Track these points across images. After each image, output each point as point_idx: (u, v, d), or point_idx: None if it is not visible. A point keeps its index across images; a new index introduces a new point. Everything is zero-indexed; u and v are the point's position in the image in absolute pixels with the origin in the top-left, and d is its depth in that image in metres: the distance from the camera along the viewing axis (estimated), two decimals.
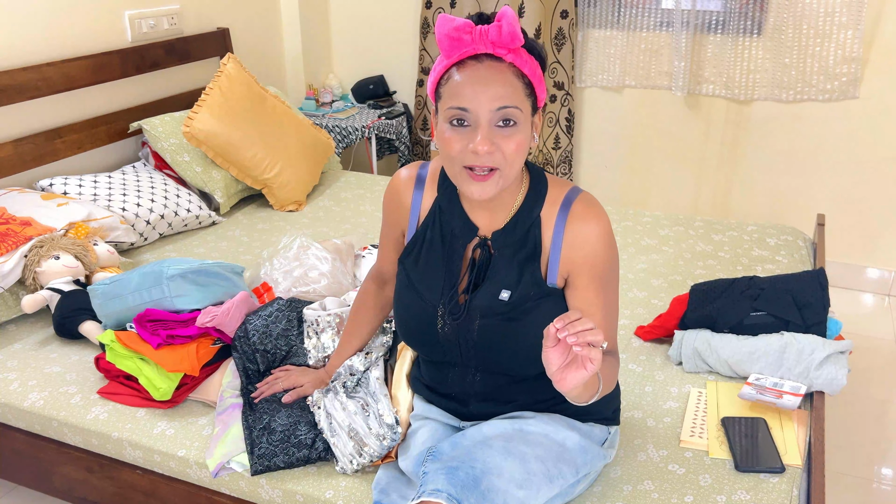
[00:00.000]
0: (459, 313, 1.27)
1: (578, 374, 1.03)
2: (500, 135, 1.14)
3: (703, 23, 3.03)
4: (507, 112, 1.13)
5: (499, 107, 1.12)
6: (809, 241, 2.45)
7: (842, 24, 2.80)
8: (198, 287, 1.80)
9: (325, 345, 1.66)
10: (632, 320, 1.97)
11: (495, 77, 1.12)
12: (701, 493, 1.37)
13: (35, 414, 1.69)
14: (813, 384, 1.60)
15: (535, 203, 1.26)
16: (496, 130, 1.14)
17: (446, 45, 1.14)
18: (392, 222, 1.41)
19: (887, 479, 2.12)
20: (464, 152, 1.14)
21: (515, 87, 1.13)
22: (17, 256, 1.95)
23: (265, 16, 3.45)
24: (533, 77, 1.16)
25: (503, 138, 1.14)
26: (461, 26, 1.12)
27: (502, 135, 1.14)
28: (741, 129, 3.17)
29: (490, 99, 1.12)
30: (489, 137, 1.13)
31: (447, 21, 1.13)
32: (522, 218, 1.26)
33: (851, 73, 2.87)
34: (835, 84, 2.89)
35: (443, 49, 1.15)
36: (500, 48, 1.13)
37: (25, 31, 2.40)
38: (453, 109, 1.14)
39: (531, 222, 1.25)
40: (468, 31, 1.12)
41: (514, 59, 1.14)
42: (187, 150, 2.66)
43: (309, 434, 1.46)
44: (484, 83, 1.12)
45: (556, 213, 1.25)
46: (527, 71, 1.15)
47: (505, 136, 1.14)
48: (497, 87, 1.12)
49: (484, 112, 1.12)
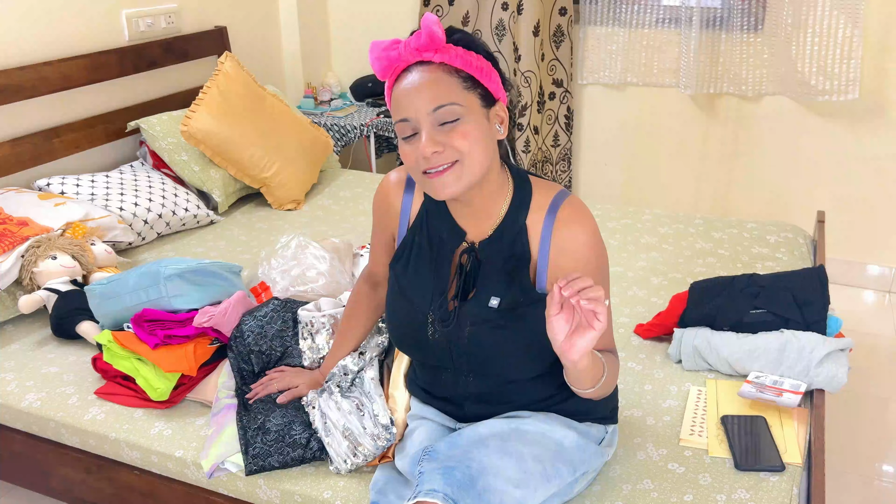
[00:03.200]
0: (449, 320, 1.26)
1: (587, 337, 1.04)
2: (443, 133, 1.13)
3: (705, 19, 3.02)
4: (444, 111, 1.12)
5: (435, 107, 1.12)
6: (809, 239, 2.44)
7: (841, 21, 2.79)
8: (195, 287, 1.79)
9: (320, 346, 1.66)
10: (631, 318, 1.96)
11: (426, 79, 1.13)
12: (700, 492, 1.37)
13: (32, 414, 1.69)
14: (813, 382, 1.59)
15: (519, 210, 1.25)
16: (439, 130, 1.14)
17: (378, 67, 1.16)
18: (382, 226, 1.40)
19: (888, 477, 2.11)
20: (417, 160, 1.15)
21: (449, 83, 1.13)
22: (13, 256, 1.95)
23: (263, 14, 3.45)
24: (470, 69, 1.15)
25: (447, 135, 1.13)
26: (388, 45, 1.15)
27: (445, 132, 1.13)
28: (741, 127, 3.16)
29: (424, 102, 1.12)
30: (432, 138, 1.13)
31: (376, 45, 1.16)
32: (508, 227, 1.25)
33: (851, 72, 2.86)
34: (834, 83, 2.88)
35: (378, 73, 1.17)
36: (426, 52, 1.14)
37: (22, 30, 2.39)
38: (398, 123, 1.16)
39: (517, 230, 1.25)
40: (395, 47, 1.15)
41: (442, 57, 1.13)
42: (185, 149, 2.66)
43: (303, 434, 1.46)
44: (415, 88, 1.13)
45: (542, 220, 1.24)
46: (459, 64, 1.14)
47: (448, 133, 1.13)
48: (429, 89, 1.12)
49: (422, 116, 1.13)
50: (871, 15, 2.80)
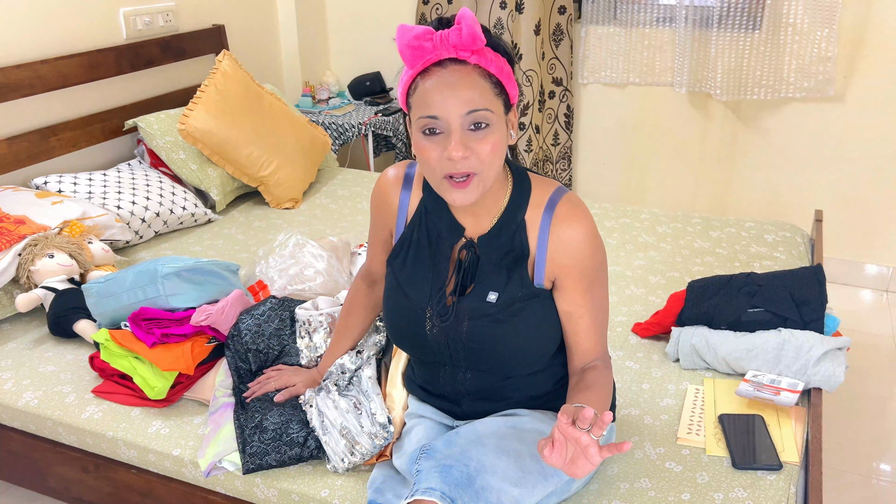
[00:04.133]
0: (447, 315, 1.26)
1: (587, 464, 1.00)
2: (473, 138, 1.12)
3: (703, 18, 3.02)
4: (477, 115, 1.11)
5: (469, 111, 1.10)
6: (807, 238, 2.44)
7: (841, 18, 2.79)
8: (193, 285, 1.79)
9: (318, 344, 1.66)
10: (629, 317, 1.96)
11: (461, 81, 1.10)
12: (698, 491, 1.37)
13: (30, 413, 1.68)
14: (811, 381, 1.59)
15: (518, 206, 1.25)
16: (469, 134, 1.12)
17: (408, 55, 1.12)
18: (380, 222, 1.40)
19: (885, 476, 2.12)
20: (440, 161, 1.13)
21: (483, 88, 1.11)
22: (11, 255, 1.94)
23: (261, 13, 3.44)
24: (501, 75, 1.13)
25: (477, 141, 1.12)
26: (421, 34, 1.11)
27: (476, 138, 1.12)
28: (739, 126, 3.16)
29: (459, 104, 1.10)
30: (462, 142, 1.11)
31: (406, 31, 1.11)
32: (507, 222, 1.25)
33: (850, 71, 2.86)
34: (832, 82, 2.88)
35: (405, 59, 1.13)
36: (462, 51, 1.10)
37: (19, 28, 2.39)
38: (424, 119, 1.12)
39: (516, 226, 1.25)
40: (429, 38, 1.11)
41: (478, 59, 1.11)
42: (183, 147, 2.65)
43: (301, 432, 1.46)
44: (451, 88, 1.10)
45: (540, 216, 1.24)
46: (493, 70, 1.12)
47: (479, 140, 1.12)
48: (464, 91, 1.10)
49: (454, 118, 1.10)
50: (870, 13, 2.80)
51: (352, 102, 3.63)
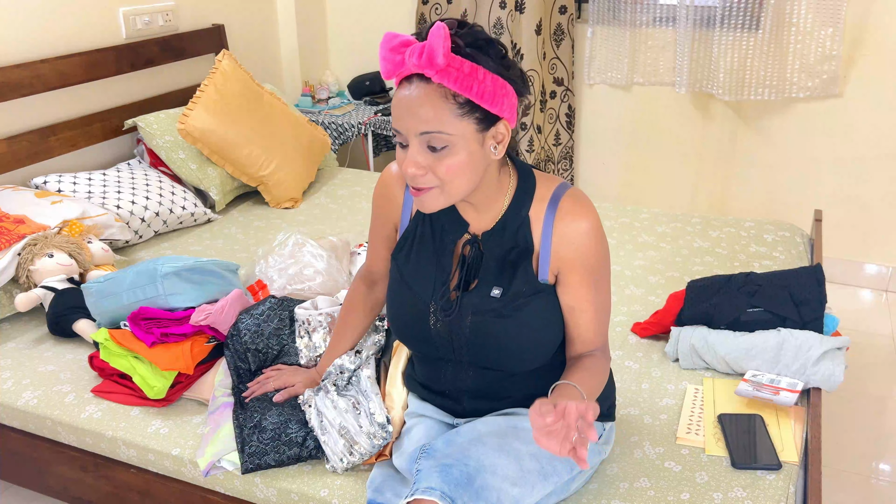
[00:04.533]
0: (451, 310, 1.26)
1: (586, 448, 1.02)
2: (432, 157, 1.12)
3: (704, 18, 3.02)
4: (430, 137, 1.10)
5: (421, 132, 1.10)
6: (807, 238, 2.45)
7: (840, 19, 2.79)
8: (192, 285, 1.79)
9: (317, 344, 1.66)
10: (629, 317, 1.96)
11: (419, 100, 1.09)
12: (697, 491, 1.37)
13: (29, 413, 1.68)
14: (810, 381, 1.59)
15: (523, 203, 1.25)
16: (426, 153, 1.12)
17: (383, 66, 1.12)
18: (383, 218, 1.40)
19: (885, 476, 2.12)
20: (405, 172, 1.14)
21: (440, 110, 1.08)
22: (10, 254, 1.94)
23: (261, 12, 3.44)
24: (470, 92, 1.08)
25: (434, 161, 1.12)
26: (395, 47, 1.10)
27: (434, 157, 1.12)
28: (739, 126, 3.16)
29: (415, 123, 1.10)
30: (414, 159, 1.12)
31: (388, 40, 1.10)
32: (511, 219, 1.25)
33: (850, 70, 2.86)
34: (830, 82, 2.88)
35: (382, 72, 1.13)
36: (425, 69, 1.07)
37: (19, 27, 2.38)
38: (393, 130, 1.14)
39: (520, 222, 1.25)
40: (400, 51, 1.10)
41: (441, 78, 1.07)
42: (182, 147, 2.65)
43: (300, 432, 1.46)
44: (407, 107, 1.10)
45: (544, 211, 1.24)
46: (457, 87, 1.07)
47: (436, 159, 1.12)
48: (420, 111, 1.09)
49: (411, 135, 1.11)
50: (871, 13, 2.80)
51: (351, 102, 3.63)
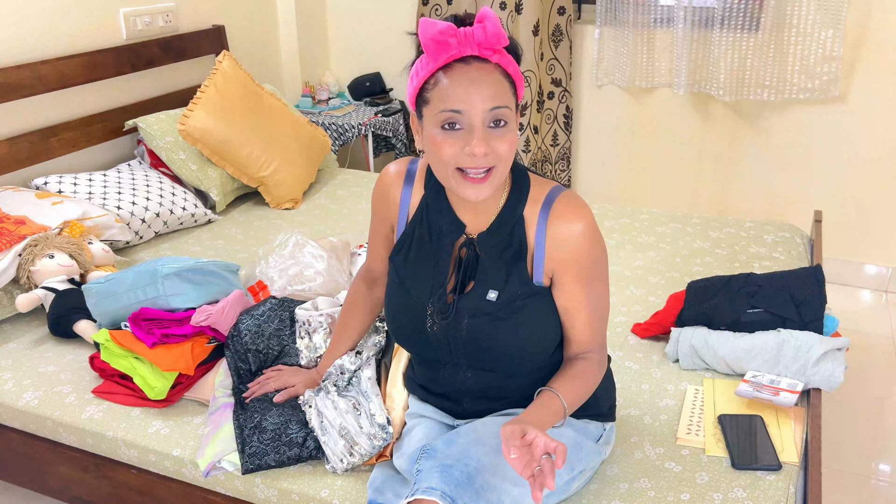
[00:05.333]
0: (448, 312, 1.26)
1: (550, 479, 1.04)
2: (493, 135, 1.14)
3: (703, 19, 3.02)
4: (499, 112, 1.13)
5: (492, 107, 1.12)
6: (807, 238, 2.45)
7: (841, 19, 2.80)
8: (193, 286, 1.79)
9: (317, 345, 1.66)
10: (629, 317, 1.96)
11: (485, 78, 1.13)
12: (697, 491, 1.37)
13: (30, 413, 1.68)
14: (810, 381, 1.59)
15: (517, 202, 1.26)
16: (489, 131, 1.14)
17: (433, 48, 1.13)
18: (381, 218, 1.40)
19: (884, 476, 2.12)
20: (458, 155, 1.14)
21: (503, 86, 1.14)
22: (11, 255, 1.94)
23: (261, 13, 3.44)
24: (516, 76, 1.18)
25: (496, 139, 1.14)
26: (445, 29, 1.12)
27: (495, 135, 1.14)
28: (739, 126, 3.17)
29: (483, 100, 1.12)
30: (484, 139, 1.13)
31: (430, 25, 1.12)
32: (506, 218, 1.25)
33: (850, 71, 2.86)
34: (829, 83, 2.88)
35: (429, 52, 1.14)
36: (486, 49, 1.13)
37: (20, 28, 2.39)
38: (446, 112, 1.13)
39: (514, 222, 1.25)
40: (453, 33, 1.12)
41: (499, 59, 1.14)
42: (183, 147, 2.65)
43: (300, 433, 1.46)
44: (476, 85, 1.12)
45: (538, 212, 1.24)
46: (511, 71, 1.16)
47: (497, 137, 1.14)
48: (488, 88, 1.12)
49: (477, 114, 1.12)
50: (869, 13, 2.80)
51: (351, 103, 3.63)
